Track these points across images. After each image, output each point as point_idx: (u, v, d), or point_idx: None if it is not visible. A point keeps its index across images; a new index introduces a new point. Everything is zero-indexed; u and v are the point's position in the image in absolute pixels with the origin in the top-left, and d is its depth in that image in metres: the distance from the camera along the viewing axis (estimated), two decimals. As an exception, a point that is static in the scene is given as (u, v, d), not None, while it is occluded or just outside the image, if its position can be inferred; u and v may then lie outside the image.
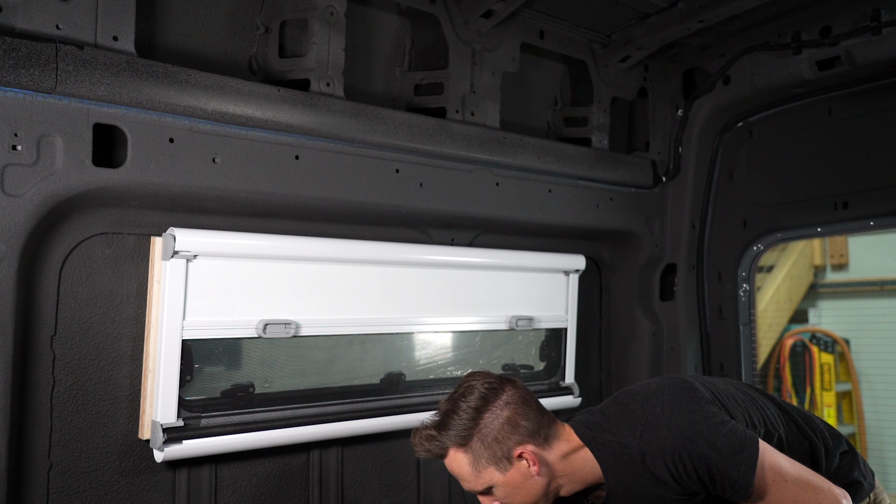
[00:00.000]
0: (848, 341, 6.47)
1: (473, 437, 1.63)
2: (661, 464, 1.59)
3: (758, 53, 2.72)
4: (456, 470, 1.66)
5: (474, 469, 1.63)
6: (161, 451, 1.89)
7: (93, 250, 1.90)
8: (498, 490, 1.66)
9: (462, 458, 1.64)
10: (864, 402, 6.42)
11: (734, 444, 1.57)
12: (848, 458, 1.83)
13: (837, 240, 6.59)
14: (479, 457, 1.63)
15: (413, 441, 1.70)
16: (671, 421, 1.61)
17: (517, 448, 1.63)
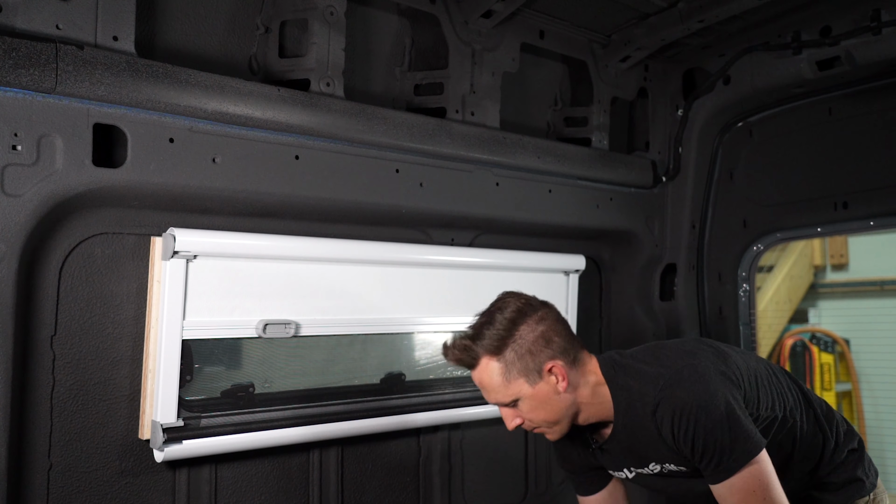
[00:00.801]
0: (848, 341, 6.48)
1: (507, 346, 1.65)
2: (668, 420, 1.62)
3: (758, 53, 2.72)
4: (486, 380, 1.67)
5: (504, 379, 1.65)
6: (161, 451, 1.89)
7: (93, 250, 1.90)
8: (524, 403, 1.67)
9: (494, 368, 1.65)
10: (864, 402, 6.43)
11: (741, 434, 1.59)
12: (855, 455, 1.86)
13: (837, 240, 6.60)
14: (510, 367, 1.65)
15: (445, 352, 1.71)
16: (694, 387, 1.63)
17: (548, 362, 1.66)
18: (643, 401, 1.67)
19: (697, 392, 1.63)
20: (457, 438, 2.62)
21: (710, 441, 1.59)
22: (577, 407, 1.72)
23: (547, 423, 1.71)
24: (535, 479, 2.86)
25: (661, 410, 1.63)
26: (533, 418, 1.70)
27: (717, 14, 2.46)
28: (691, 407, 1.61)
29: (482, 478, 2.71)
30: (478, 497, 2.68)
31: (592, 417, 1.75)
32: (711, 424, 1.59)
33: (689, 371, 1.67)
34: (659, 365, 1.71)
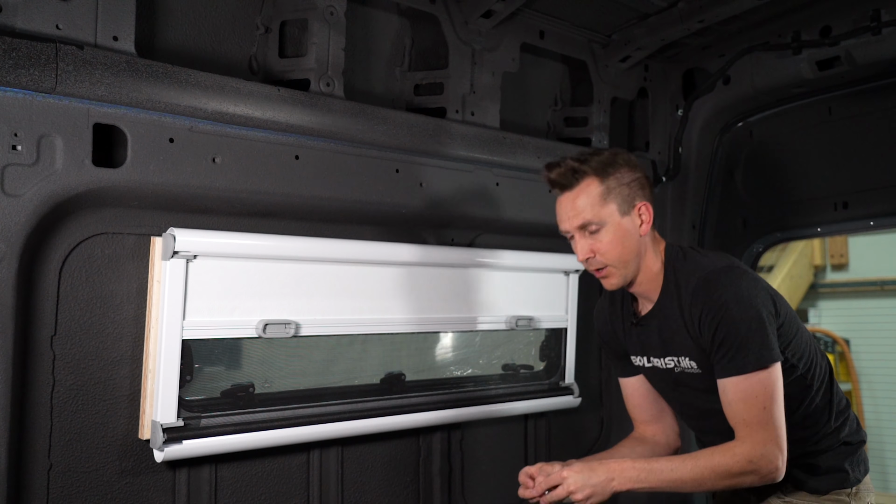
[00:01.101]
0: (848, 341, 6.48)
1: (611, 174, 1.73)
2: (700, 301, 1.69)
3: (758, 53, 2.72)
4: (581, 199, 1.72)
5: (602, 199, 1.72)
6: (161, 451, 1.89)
7: (93, 250, 1.89)
8: (606, 233, 1.73)
9: (594, 187, 1.72)
10: (864, 402, 6.42)
11: (762, 339, 1.64)
12: (848, 449, 1.85)
13: (837, 240, 6.60)
14: (609, 191, 1.72)
15: (549, 169, 1.76)
16: (738, 283, 1.69)
17: (641, 202, 1.76)
18: (687, 281, 1.74)
19: (739, 288, 1.68)
20: (457, 438, 2.62)
21: (731, 332, 1.64)
22: (640, 262, 1.79)
23: (617, 261, 1.75)
24: (535, 479, 2.85)
25: (697, 291, 1.70)
26: (607, 252, 1.74)
27: (717, 14, 2.46)
28: (726, 297, 1.66)
29: (482, 478, 2.71)
30: (478, 497, 2.68)
31: (642, 286, 1.82)
32: (739, 318, 1.64)
33: (739, 272, 1.72)
34: (716, 259, 1.77)
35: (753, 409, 1.63)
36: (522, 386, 2.73)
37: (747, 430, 1.64)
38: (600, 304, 2.08)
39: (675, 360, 1.81)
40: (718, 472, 1.62)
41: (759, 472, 1.61)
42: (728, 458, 1.62)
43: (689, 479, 1.62)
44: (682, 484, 1.63)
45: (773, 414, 1.64)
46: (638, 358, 1.93)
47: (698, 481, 1.63)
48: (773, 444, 1.62)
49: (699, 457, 1.66)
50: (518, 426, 2.82)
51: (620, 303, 1.95)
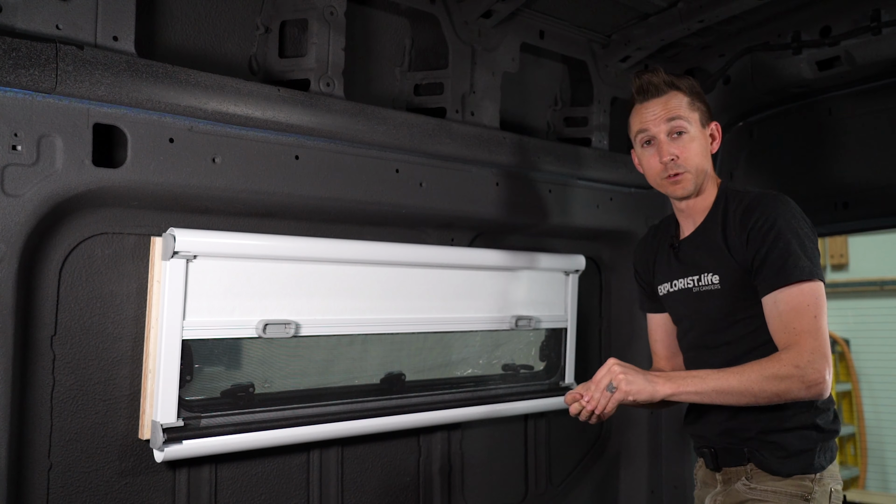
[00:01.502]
0: (848, 341, 6.47)
1: (696, 93, 1.88)
2: (755, 212, 1.74)
3: (758, 53, 2.72)
4: (674, 101, 1.85)
5: (690, 105, 1.85)
6: (161, 452, 1.89)
7: (93, 250, 1.90)
8: (688, 138, 1.83)
9: (682, 97, 1.86)
10: (864, 402, 6.43)
11: (811, 254, 1.68)
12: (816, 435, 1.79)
13: (837, 240, 6.60)
14: (693, 102, 1.86)
15: (641, 75, 1.88)
16: (794, 209, 1.75)
17: (714, 123, 1.92)
18: (739, 201, 1.81)
19: (794, 209, 1.74)
20: (457, 438, 2.62)
21: (785, 243, 1.67)
22: (705, 181, 1.88)
23: (695, 168, 1.84)
24: (535, 479, 2.86)
25: (752, 204, 1.76)
26: (689, 157, 1.83)
27: (717, 14, 2.46)
28: (782, 211, 1.72)
29: (482, 478, 2.71)
30: (478, 497, 2.68)
31: (696, 205, 1.90)
32: (794, 231, 1.69)
33: (794, 204, 1.77)
34: (770, 193, 1.82)
35: (805, 317, 1.63)
36: (522, 386, 2.73)
37: (796, 337, 1.62)
38: (643, 239, 2.18)
39: (696, 279, 1.86)
40: (765, 375, 1.59)
41: (805, 378, 1.59)
42: (775, 362, 1.60)
43: (736, 383, 1.60)
44: (729, 389, 1.61)
45: (822, 325, 1.64)
46: (664, 286, 1.99)
47: (745, 385, 1.60)
48: (820, 355, 1.61)
49: (745, 364, 1.64)
50: (518, 426, 2.83)
51: (665, 230, 2.05)
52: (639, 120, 1.89)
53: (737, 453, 1.83)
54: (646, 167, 1.91)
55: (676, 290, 1.95)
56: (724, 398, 1.62)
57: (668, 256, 1.98)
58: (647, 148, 1.89)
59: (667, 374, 1.65)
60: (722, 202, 1.86)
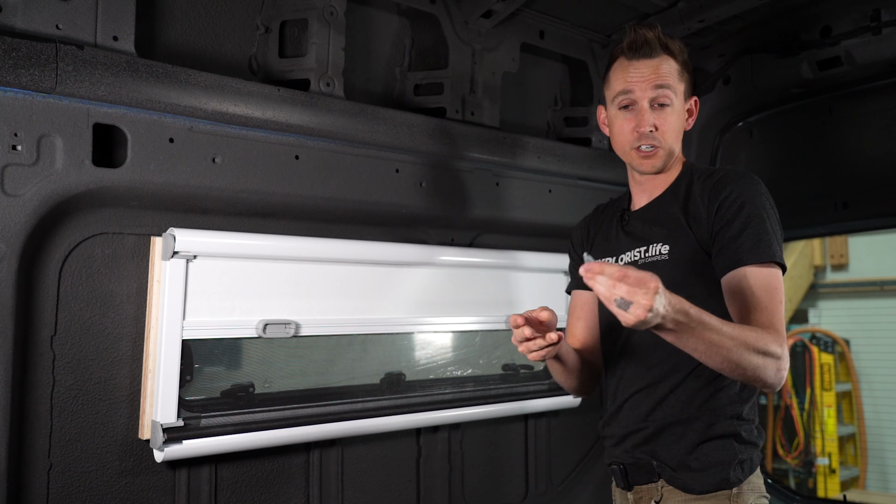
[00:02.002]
0: (848, 341, 6.47)
1: (686, 63, 1.73)
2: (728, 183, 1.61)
3: (758, 53, 2.72)
4: (666, 66, 1.69)
5: (680, 76, 1.71)
6: (161, 451, 1.89)
7: (93, 250, 1.90)
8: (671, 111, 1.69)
9: (673, 64, 1.70)
10: (864, 402, 6.42)
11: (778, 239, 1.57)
12: (738, 446, 1.61)
13: (837, 240, 6.59)
14: (682, 72, 1.71)
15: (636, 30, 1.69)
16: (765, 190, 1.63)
17: (694, 97, 1.77)
18: (707, 175, 1.68)
19: (765, 192, 1.62)
20: (457, 438, 2.62)
21: (757, 217, 1.55)
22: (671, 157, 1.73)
23: (668, 144, 1.69)
24: (535, 479, 2.86)
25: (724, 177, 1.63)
26: (667, 132, 1.68)
27: (717, 14, 2.46)
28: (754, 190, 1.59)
29: (482, 478, 2.71)
30: (478, 497, 2.68)
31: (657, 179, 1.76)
32: (764, 211, 1.57)
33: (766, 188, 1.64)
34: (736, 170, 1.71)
35: (774, 301, 1.50)
36: (522, 386, 2.73)
37: (772, 319, 1.48)
38: (587, 216, 2.00)
39: (644, 250, 1.69)
40: (754, 344, 1.40)
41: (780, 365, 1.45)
42: (763, 335, 1.43)
43: (729, 338, 1.37)
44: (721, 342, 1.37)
45: (781, 312, 1.51)
46: (608, 257, 1.79)
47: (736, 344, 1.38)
48: (785, 343, 1.48)
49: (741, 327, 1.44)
50: (518, 426, 2.82)
51: (615, 206, 1.90)
52: (623, 79, 1.69)
53: (646, 468, 1.65)
54: (616, 131, 1.72)
55: (622, 263, 1.72)
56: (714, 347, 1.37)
57: (616, 230, 1.81)
58: (623, 111, 1.70)
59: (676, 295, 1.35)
60: (686, 178, 1.72)
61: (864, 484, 6.13)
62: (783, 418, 5.92)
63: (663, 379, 1.64)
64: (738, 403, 1.64)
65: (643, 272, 1.24)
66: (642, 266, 1.63)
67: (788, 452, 5.81)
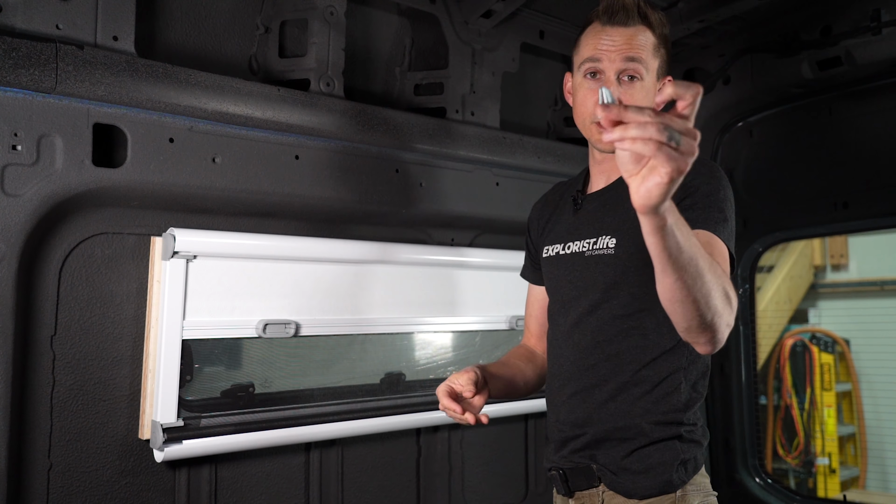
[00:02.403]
0: (848, 341, 6.47)
1: (665, 37, 1.58)
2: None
3: (758, 53, 2.72)
4: (641, 38, 1.53)
5: (654, 50, 1.55)
6: (161, 451, 1.89)
7: (93, 250, 1.90)
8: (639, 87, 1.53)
9: (649, 37, 1.55)
10: (864, 402, 6.42)
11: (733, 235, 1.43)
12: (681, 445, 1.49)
13: (837, 240, 6.59)
14: (658, 47, 1.56)
15: None
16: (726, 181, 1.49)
17: (669, 76, 1.57)
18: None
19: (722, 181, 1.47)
20: (457, 438, 2.62)
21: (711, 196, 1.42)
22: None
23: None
24: (535, 479, 2.86)
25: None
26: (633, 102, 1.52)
27: (717, 14, 2.46)
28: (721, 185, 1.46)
29: (482, 478, 2.71)
30: (478, 497, 2.68)
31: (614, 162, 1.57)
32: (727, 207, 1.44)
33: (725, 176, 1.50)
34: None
35: (724, 264, 1.36)
36: (522, 386, 2.73)
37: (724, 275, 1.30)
38: (544, 195, 1.87)
39: (593, 241, 1.55)
40: (722, 285, 1.24)
41: (729, 319, 1.27)
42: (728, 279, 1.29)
43: (704, 265, 1.19)
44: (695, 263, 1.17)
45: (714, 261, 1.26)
46: (553, 247, 1.66)
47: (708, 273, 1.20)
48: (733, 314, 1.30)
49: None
50: (518, 426, 2.82)
51: (572, 185, 1.75)
52: (593, 46, 1.55)
53: (586, 472, 1.54)
54: (579, 101, 1.58)
55: (569, 253, 1.61)
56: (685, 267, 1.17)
57: (568, 214, 1.66)
58: (589, 80, 1.56)
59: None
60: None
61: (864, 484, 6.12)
62: (783, 418, 5.92)
63: (601, 383, 1.52)
64: (682, 411, 1.51)
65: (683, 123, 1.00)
66: (588, 258, 1.56)
67: (788, 452, 5.81)
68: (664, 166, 0.98)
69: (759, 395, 3.07)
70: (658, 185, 1.00)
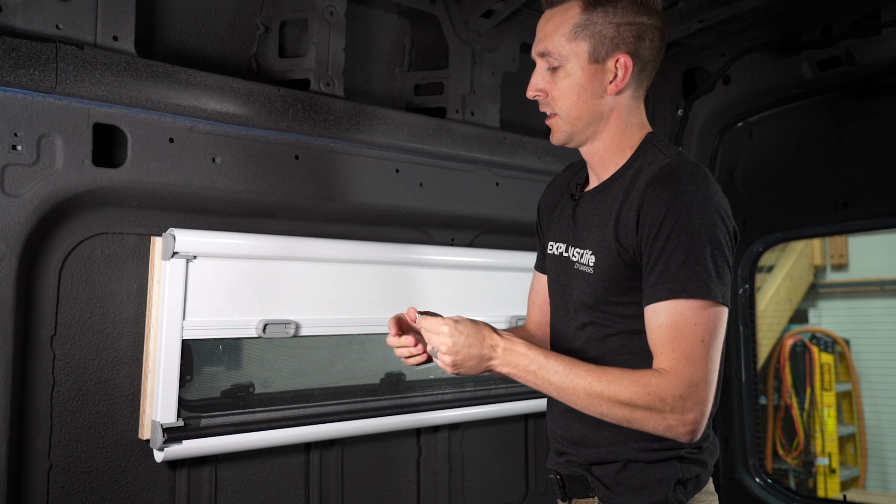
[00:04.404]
0: (848, 341, 6.47)
1: (603, 6, 1.37)
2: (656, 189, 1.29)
3: (758, 53, 2.72)
4: (554, 22, 1.42)
5: (573, 32, 1.39)
6: (161, 451, 1.89)
7: (93, 250, 1.90)
8: (563, 76, 1.42)
9: (573, 14, 1.40)
10: (864, 402, 6.42)
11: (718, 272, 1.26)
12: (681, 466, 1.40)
13: (837, 240, 6.59)
14: (587, 26, 1.37)
15: None
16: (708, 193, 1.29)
17: (622, 54, 1.38)
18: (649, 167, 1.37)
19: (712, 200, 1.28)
20: (457, 438, 2.62)
21: (684, 241, 1.25)
22: (599, 129, 1.44)
23: (566, 114, 1.44)
24: (535, 479, 2.86)
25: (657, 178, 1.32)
26: (558, 98, 1.44)
27: (717, 14, 2.46)
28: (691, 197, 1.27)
29: (482, 478, 2.71)
30: (478, 497, 2.68)
31: (598, 156, 1.47)
32: (698, 228, 1.25)
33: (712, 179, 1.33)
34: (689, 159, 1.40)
35: (687, 338, 1.23)
36: (522, 386, 2.71)
37: (672, 361, 1.23)
38: (558, 175, 1.75)
39: (580, 254, 1.46)
40: (620, 400, 1.23)
41: (668, 416, 1.22)
42: (640, 386, 1.23)
43: (583, 394, 1.25)
44: (572, 396, 1.27)
45: (709, 355, 1.23)
46: (554, 245, 1.59)
47: (591, 400, 1.26)
48: (697, 392, 1.22)
49: (604, 374, 1.26)
50: (518, 426, 2.82)
51: (578, 173, 1.63)
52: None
53: (581, 481, 1.47)
54: None
55: (566, 257, 1.52)
56: (562, 399, 1.30)
57: (570, 210, 1.56)
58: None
59: (512, 346, 1.32)
60: (637, 161, 1.41)
61: (864, 484, 6.12)
62: (783, 418, 5.92)
63: None
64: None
65: (440, 324, 1.39)
66: (575, 273, 1.47)
67: (788, 452, 5.80)
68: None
69: (759, 395, 3.07)
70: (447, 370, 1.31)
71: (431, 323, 1.38)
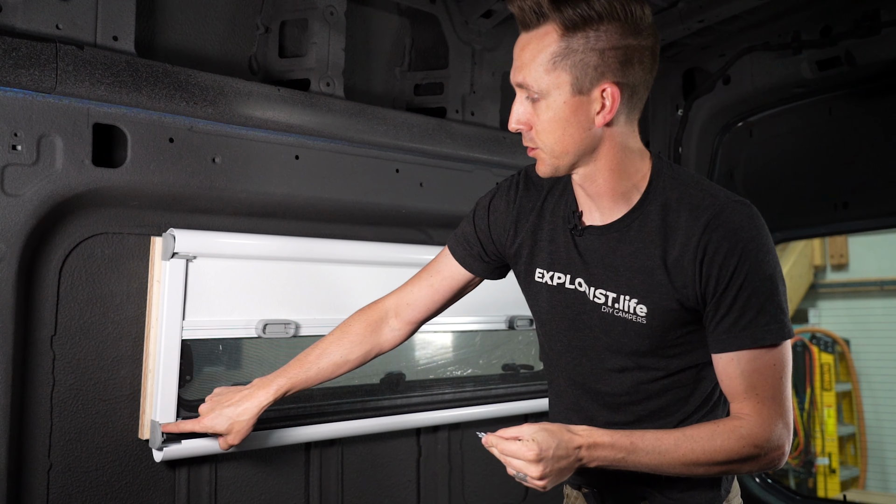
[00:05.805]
0: (848, 341, 6.47)
1: (583, 31, 1.25)
2: (717, 239, 1.28)
3: (758, 53, 2.72)
4: (529, 53, 1.28)
5: (551, 62, 1.26)
6: (160, 451, 1.89)
7: (93, 250, 1.89)
8: (546, 109, 1.29)
9: (550, 41, 1.26)
10: (864, 402, 6.43)
11: (785, 307, 1.33)
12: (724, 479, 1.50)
13: (837, 240, 6.60)
14: (568, 53, 1.25)
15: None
16: (764, 234, 1.30)
17: (608, 84, 1.28)
18: (688, 205, 1.31)
19: (764, 235, 1.30)
20: (457, 438, 2.62)
21: (759, 291, 1.28)
22: (591, 162, 1.35)
23: (550, 149, 1.33)
24: (535, 479, 2.85)
25: (713, 224, 1.27)
26: (541, 132, 1.32)
27: (717, 14, 2.46)
28: (756, 244, 1.28)
29: (482, 478, 2.71)
30: (478, 497, 2.68)
31: (596, 187, 1.38)
32: (767, 274, 1.28)
33: (759, 214, 1.33)
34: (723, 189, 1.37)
35: (769, 380, 1.30)
36: (522, 386, 2.73)
37: (757, 405, 1.30)
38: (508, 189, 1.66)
39: (614, 297, 1.39)
40: (717, 459, 1.29)
41: (764, 458, 1.30)
42: (733, 441, 1.29)
43: (679, 466, 1.29)
44: (668, 470, 1.31)
45: (788, 387, 1.32)
46: (551, 274, 1.50)
47: (689, 469, 1.30)
48: (785, 425, 1.31)
49: (694, 440, 1.29)
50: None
51: (556, 197, 1.52)
52: None
53: (628, 496, 1.49)
54: None
55: (578, 290, 1.45)
56: (661, 473, 1.32)
57: (566, 240, 1.47)
58: None
59: (594, 443, 1.28)
60: (657, 199, 1.35)
61: (864, 484, 6.13)
62: (783, 418, 5.92)
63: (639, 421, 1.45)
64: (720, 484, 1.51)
65: (524, 451, 1.25)
66: (607, 315, 1.40)
67: (788, 452, 5.81)
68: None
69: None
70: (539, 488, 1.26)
71: (512, 450, 1.27)
